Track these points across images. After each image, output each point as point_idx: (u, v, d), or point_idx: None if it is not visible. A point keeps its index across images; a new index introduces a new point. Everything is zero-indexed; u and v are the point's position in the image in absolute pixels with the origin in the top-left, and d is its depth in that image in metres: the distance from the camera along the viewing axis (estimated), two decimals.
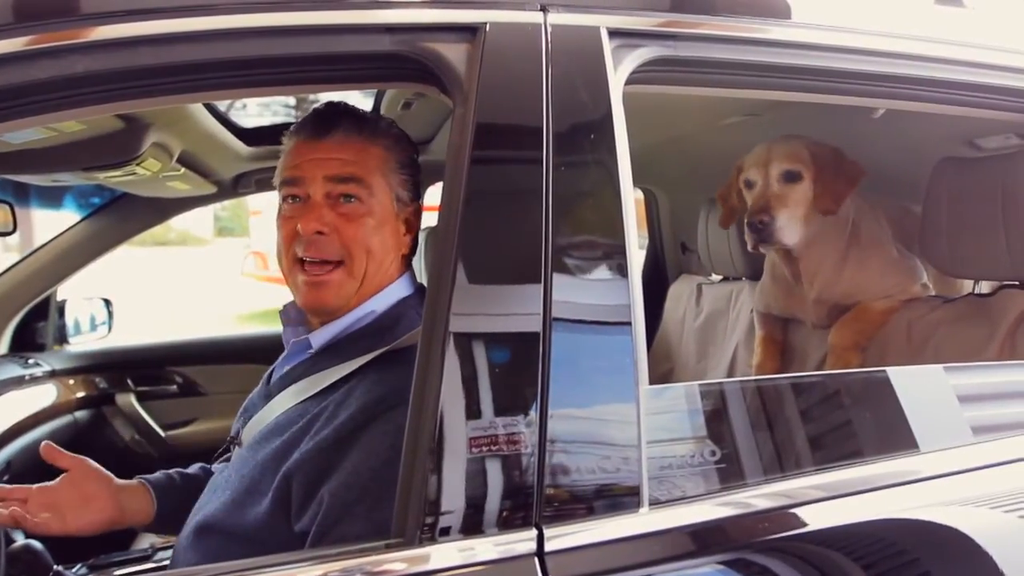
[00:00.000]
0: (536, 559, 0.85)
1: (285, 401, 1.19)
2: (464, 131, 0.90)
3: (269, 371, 1.33)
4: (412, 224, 1.27)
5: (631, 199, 0.94)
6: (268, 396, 1.24)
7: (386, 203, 1.21)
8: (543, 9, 0.95)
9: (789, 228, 1.72)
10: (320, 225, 1.16)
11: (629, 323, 0.90)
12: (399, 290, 1.25)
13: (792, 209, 1.72)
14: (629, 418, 0.89)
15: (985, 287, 1.90)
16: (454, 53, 0.92)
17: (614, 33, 0.96)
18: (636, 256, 0.92)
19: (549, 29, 0.94)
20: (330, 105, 1.26)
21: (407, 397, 1.04)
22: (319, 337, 1.22)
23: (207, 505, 1.17)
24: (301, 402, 1.17)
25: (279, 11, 0.90)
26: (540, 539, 0.86)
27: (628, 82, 0.97)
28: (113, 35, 0.86)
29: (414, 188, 1.27)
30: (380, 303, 1.23)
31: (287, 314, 1.30)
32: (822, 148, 1.76)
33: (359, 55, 0.94)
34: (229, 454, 1.29)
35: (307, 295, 1.20)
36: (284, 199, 1.22)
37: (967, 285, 2.00)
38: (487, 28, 0.92)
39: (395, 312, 1.23)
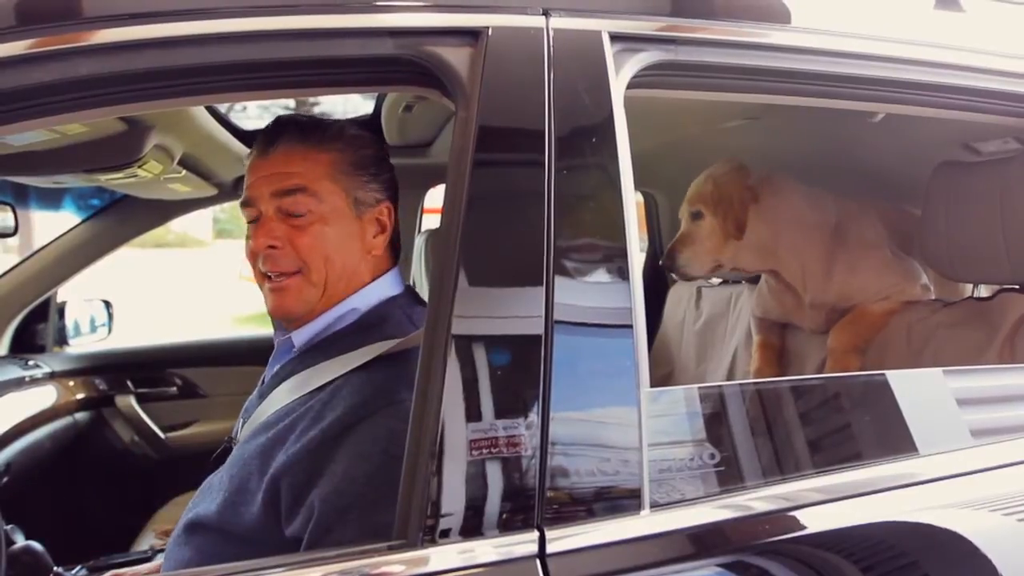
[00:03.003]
0: (538, 561, 0.85)
1: (277, 400, 1.20)
2: (466, 134, 0.90)
3: (264, 373, 1.34)
4: (384, 224, 1.25)
5: (632, 202, 0.94)
6: (263, 396, 1.25)
7: (341, 208, 1.20)
8: (545, 13, 0.95)
9: (691, 264, 1.88)
10: (271, 239, 1.17)
11: (630, 326, 0.91)
12: (382, 289, 1.25)
13: (696, 246, 1.87)
14: (630, 420, 0.89)
15: (985, 291, 1.90)
16: (456, 57, 0.92)
17: (616, 37, 0.97)
18: (637, 259, 0.92)
19: (551, 33, 0.94)
20: (275, 120, 1.25)
21: (395, 399, 1.04)
22: (300, 336, 1.24)
23: (200, 504, 1.17)
24: (290, 400, 1.17)
25: (281, 15, 0.91)
26: (542, 541, 0.86)
27: (629, 86, 0.97)
28: (116, 38, 0.87)
29: (382, 187, 1.25)
30: (362, 301, 1.23)
31: None
32: (726, 178, 1.85)
33: (361, 59, 0.94)
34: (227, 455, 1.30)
35: (271, 302, 1.21)
36: (247, 221, 1.23)
37: (968, 288, 2.00)
38: (489, 32, 0.93)
39: (380, 311, 1.23)
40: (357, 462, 1.04)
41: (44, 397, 2.44)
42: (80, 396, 2.59)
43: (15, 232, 2.20)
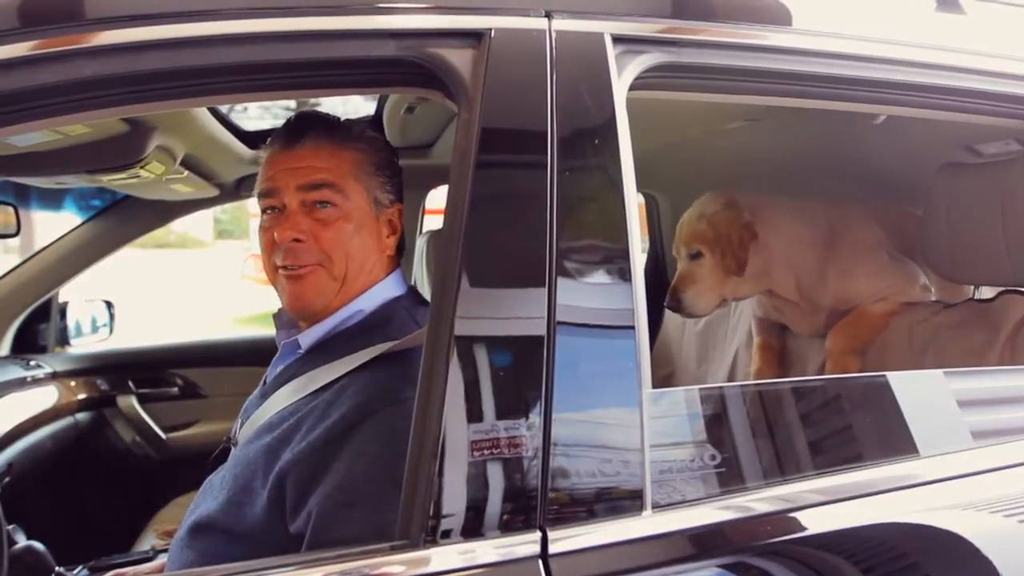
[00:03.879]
0: (540, 561, 0.86)
1: (279, 400, 1.20)
2: (469, 136, 0.90)
3: (266, 373, 1.34)
4: (395, 225, 1.27)
5: (634, 204, 0.94)
6: (264, 396, 1.25)
7: (363, 206, 1.22)
8: (548, 15, 0.95)
9: (696, 303, 1.86)
10: (296, 232, 1.17)
11: (632, 327, 0.91)
12: (387, 290, 1.26)
13: (698, 285, 1.85)
14: (632, 422, 0.89)
15: (986, 292, 1.90)
16: (459, 59, 0.93)
17: (618, 39, 0.97)
18: (639, 260, 0.93)
19: (554, 35, 0.94)
20: (300, 115, 1.27)
21: (399, 398, 1.05)
22: (307, 337, 1.24)
23: (203, 504, 1.17)
24: (294, 401, 1.18)
25: (285, 16, 0.91)
26: (544, 541, 0.86)
27: (632, 88, 0.97)
28: (119, 40, 0.87)
29: (394, 189, 1.27)
30: (368, 303, 1.23)
31: (280, 318, 1.32)
32: (721, 217, 1.83)
33: (364, 60, 0.94)
34: (226, 455, 1.30)
35: (289, 292, 1.21)
36: (263, 211, 1.23)
37: (970, 290, 2.00)
38: (492, 34, 0.93)
39: (385, 311, 1.23)
40: (360, 460, 1.05)
41: (45, 397, 2.45)
42: (81, 396, 2.59)
43: (17, 232, 2.20)
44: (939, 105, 1.17)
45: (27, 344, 2.55)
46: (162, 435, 2.72)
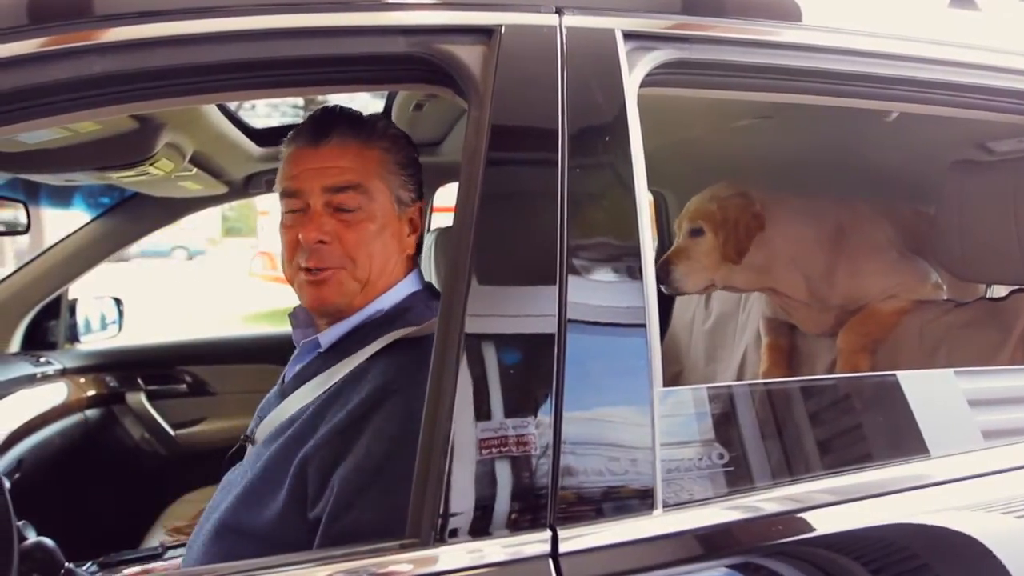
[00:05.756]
0: (550, 560, 0.85)
1: (299, 399, 1.20)
2: (479, 133, 0.90)
3: (284, 372, 1.34)
4: (416, 224, 1.27)
5: (645, 201, 0.94)
6: (283, 395, 1.25)
7: (387, 206, 1.21)
8: (558, 11, 0.95)
9: (685, 280, 1.85)
10: (321, 235, 1.17)
11: (643, 325, 0.90)
12: (406, 287, 1.26)
13: (691, 262, 1.84)
14: (643, 420, 0.89)
15: (999, 291, 1.89)
16: (469, 55, 0.92)
17: (629, 35, 0.97)
18: (650, 258, 0.92)
19: (564, 31, 0.94)
20: (325, 110, 1.25)
21: (418, 380, 1.05)
22: (328, 336, 1.23)
23: (222, 504, 1.17)
24: (314, 397, 1.18)
25: (294, 12, 0.91)
26: (554, 540, 0.86)
27: (643, 84, 0.97)
28: (129, 36, 0.87)
29: (416, 188, 1.27)
30: (387, 302, 1.24)
31: (296, 317, 1.31)
32: (732, 202, 1.83)
33: (374, 57, 0.94)
34: (242, 453, 1.30)
35: (310, 294, 1.21)
36: (285, 210, 1.22)
37: (982, 289, 1.99)
38: (502, 30, 0.93)
39: (402, 305, 1.24)
40: (378, 441, 1.05)
41: (55, 394, 2.46)
42: (91, 393, 2.60)
43: (27, 229, 2.21)
44: (952, 102, 1.16)
45: (36, 341, 2.55)
46: (171, 432, 2.73)
